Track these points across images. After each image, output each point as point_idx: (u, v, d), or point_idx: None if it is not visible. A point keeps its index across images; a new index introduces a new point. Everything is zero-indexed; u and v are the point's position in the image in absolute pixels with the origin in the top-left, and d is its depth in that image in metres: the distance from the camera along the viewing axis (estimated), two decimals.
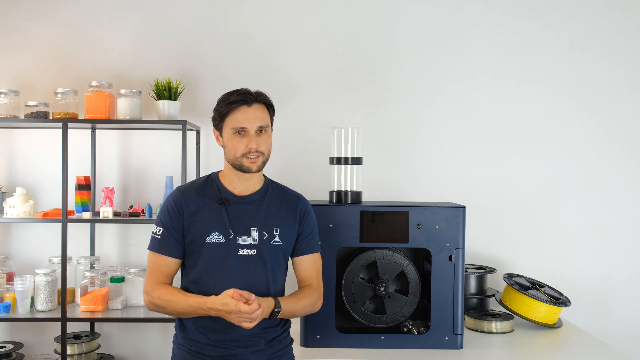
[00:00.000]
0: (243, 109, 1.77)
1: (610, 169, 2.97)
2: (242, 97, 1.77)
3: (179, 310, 1.74)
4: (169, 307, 1.74)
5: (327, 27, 2.97)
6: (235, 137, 1.78)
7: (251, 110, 1.78)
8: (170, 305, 1.74)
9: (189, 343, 1.79)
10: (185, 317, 1.78)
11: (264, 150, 1.79)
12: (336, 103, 2.97)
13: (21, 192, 2.68)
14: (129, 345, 2.98)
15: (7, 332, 2.96)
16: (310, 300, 1.85)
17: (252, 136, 1.77)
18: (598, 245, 2.96)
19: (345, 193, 2.27)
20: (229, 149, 1.80)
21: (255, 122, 1.78)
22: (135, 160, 2.98)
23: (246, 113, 1.77)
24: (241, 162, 1.78)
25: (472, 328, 2.46)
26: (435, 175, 2.96)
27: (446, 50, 2.97)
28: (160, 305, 1.76)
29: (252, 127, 1.77)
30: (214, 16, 2.97)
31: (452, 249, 2.16)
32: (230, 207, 1.80)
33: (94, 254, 2.93)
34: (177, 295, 1.75)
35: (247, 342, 1.78)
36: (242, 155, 1.77)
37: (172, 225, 1.79)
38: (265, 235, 1.81)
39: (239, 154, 1.77)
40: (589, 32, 2.96)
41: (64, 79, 2.94)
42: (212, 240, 1.77)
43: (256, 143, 1.77)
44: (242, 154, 1.77)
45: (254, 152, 1.77)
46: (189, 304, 1.72)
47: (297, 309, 1.83)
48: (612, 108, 2.97)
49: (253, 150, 1.77)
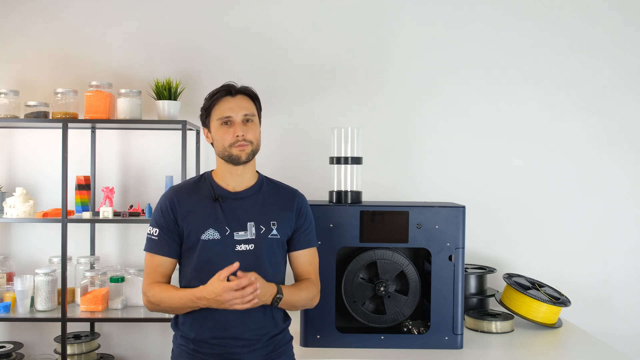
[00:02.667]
0: (227, 99, 1.81)
1: (610, 169, 2.97)
2: (225, 88, 1.82)
3: (173, 306, 1.74)
4: (163, 303, 1.75)
5: (327, 27, 2.97)
6: (223, 128, 1.79)
7: (235, 100, 1.81)
8: (164, 301, 1.74)
9: (187, 342, 1.79)
10: (181, 312, 1.78)
11: (251, 138, 1.80)
12: (336, 103, 2.97)
13: (21, 192, 2.69)
14: (129, 345, 2.98)
15: (7, 332, 2.96)
16: (311, 293, 1.86)
17: (238, 124, 1.78)
18: (598, 245, 2.96)
19: (345, 193, 2.27)
20: (217, 140, 1.81)
21: (241, 110, 1.79)
22: (135, 160, 2.98)
23: (231, 103, 1.80)
24: (230, 151, 1.78)
25: (472, 328, 2.46)
26: (435, 175, 2.96)
27: (446, 50, 2.97)
28: (155, 302, 1.75)
29: (237, 115, 1.79)
30: (214, 16, 2.97)
31: (452, 249, 2.16)
32: (225, 204, 1.80)
33: (93, 254, 2.93)
34: (170, 291, 1.75)
35: (246, 340, 1.77)
36: (230, 144, 1.78)
37: (167, 225, 1.79)
38: (262, 229, 1.80)
39: (227, 144, 1.78)
40: (589, 32, 2.96)
41: (64, 79, 2.94)
42: (207, 237, 1.76)
43: (242, 131, 1.78)
44: (230, 144, 1.78)
45: (242, 140, 1.78)
46: (180, 297, 1.72)
47: (298, 300, 1.83)
48: (612, 108, 2.97)
49: (241, 138, 1.77)
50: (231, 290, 1.63)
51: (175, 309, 1.76)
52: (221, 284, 1.64)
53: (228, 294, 1.63)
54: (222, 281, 1.64)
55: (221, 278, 1.65)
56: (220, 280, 1.65)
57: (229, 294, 1.63)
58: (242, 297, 1.64)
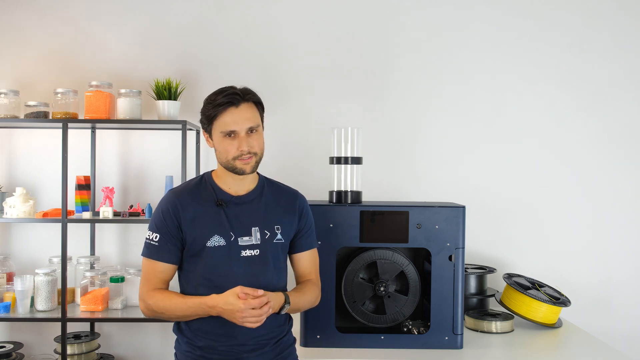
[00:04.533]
0: (231, 111, 1.71)
1: (610, 169, 2.97)
2: (228, 98, 1.71)
3: (179, 314, 1.71)
4: (167, 312, 1.71)
5: (327, 27, 2.97)
6: (226, 140, 1.73)
7: (239, 111, 1.72)
8: (169, 310, 1.70)
9: (194, 348, 1.76)
10: (185, 320, 1.75)
11: (256, 150, 1.75)
12: (336, 103, 2.97)
13: (21, 192, 2.68)
14: (129, 345, 2.98)
15: (7, 332, 2.96)
16: (314, 295, 1.86)
17: (242, 138, 1.72)
18: (598, 245, 2.96)
19: (345, 193, 2.27)
20: (220, 152, 1.75)
21: (245, 123, 1.72)
22: (135, 160, 2.98)
23: (234, 115, 1.71)
24: (234, 164, 1.73)
25: (472, 328, 2.46)
26: (435, 175, 2.96)
27: (446, 50, 2.97)
28: (158, 311, 1.71)
29: (241, 129, 1.71)
30: (214, 16, 2.97)
31: (452, 249, 2.16)
32: (229, 209, 1.77)
33: (93, 254, 2.93)
34: (175, 298, 1.71)
35: (254, 346, 1.75)
36: (233, 158, 1.72)
37: (169, 231, 1.74)
38: (267, 234, 1.79)
39: (231, 157, 1.73)
40: (589, 32, 2.96)
41: (64, 79, 2.94)
42: (212, 244, 1.73)
43: (247, 145, 1.72)
44: (234, 157, 1.72)
45: (247, 154, 1.73)
46: (189, 306, 1.69)
47: (303, 304, 1.83)
48: (613, 108, 2.97)
49: (245, 152, 1.72)
50: (251, 309, 1.63)
51: (181, 317, 1.72)
52: (243, 302, 1.62)
53: (248, 312, 1.62)
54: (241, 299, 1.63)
55: (241, 295, 1.63)
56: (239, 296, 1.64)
57: (248, 312, 1.62)
58: (259, 317, 1.64)
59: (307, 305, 1.86)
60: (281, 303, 1.75)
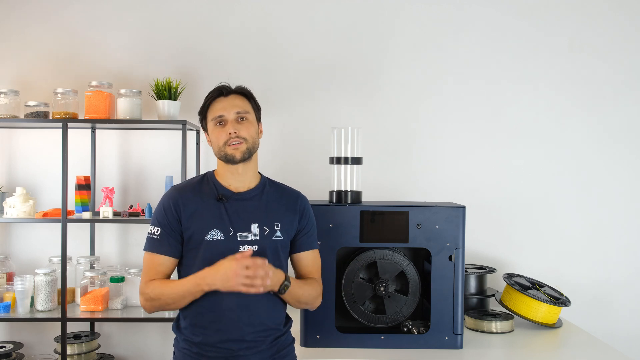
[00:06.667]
0: (220, 100, 1.82)
1: (610, 169, 2.97)
2: (218, 90, 1.84)
3: (174, 296, 1.71)
4: (163, 297, 1.72)
5: (327, 27, 2.97)
6: (217, 128, 1.80)
7: (228, 99, 1.82)
8: (164, 293, 1.71)
9: (191, 345, 1.77)
10: (181, 303, 1.74)
11: (245, 135, 1.79)
12: (336, 103, 2.97)
13: (21, 192, 2.68)
14: (129, 345, 2.98)
15: (7, 332, 2.96)
16: (315, 290, 1.86)
17: (231, 122, 1.79)
18: (598, 245, 2.96)
19: (345, 193, 2.27)
20: (213, 141, 1.82)
21: (233, 108, 1.80)
22: (135, 160, 2.98)
23: (223, 102, 1.81)
24: (225, 150, 1.78)
25: (472, 328, 2.46)
26: (435, 175, 2.96)
27: (446, 50, 2.97)
28: (155, 297, 1.72)
29: (229, 113, 1.79)
30: (213, 16, 2.97)
31: (452, 249, 2.16)
32: (229, 204, 1.80)
33: (93, 254, 2.93)
34: (170, 282, 1.74)
35: (250, 342, 1.76)
36: (224, 143, 1.78)
37: (170, 224, 1.77)
38: (266, 231, 1.80)
39: (222, 143, 1.78)
40: (589, 32, 2.96)
41: (64, 79, 2.94)
42: (211, 237, 1.75)
43: (235, 128, 1.77)
44: (224, 142, 1.78)
45: (235, 138, 1.77)
46: (182, 284, 1.71)
47: (302, 294, 1.82)
48: (612, 108, 2.97)
49: (233, 135, 1.77)
50: (244, 268, 1.64)
51: (176, 299, 1.72)
52: (236, 261, 1.65)
53: (242, 271, 1.64)
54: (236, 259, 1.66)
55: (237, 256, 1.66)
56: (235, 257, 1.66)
57: (242, 271, 1.64)
58: (253, 278, 1.65)
59: (307, 298, 1.84)
60: (281, 280, 1.75)
